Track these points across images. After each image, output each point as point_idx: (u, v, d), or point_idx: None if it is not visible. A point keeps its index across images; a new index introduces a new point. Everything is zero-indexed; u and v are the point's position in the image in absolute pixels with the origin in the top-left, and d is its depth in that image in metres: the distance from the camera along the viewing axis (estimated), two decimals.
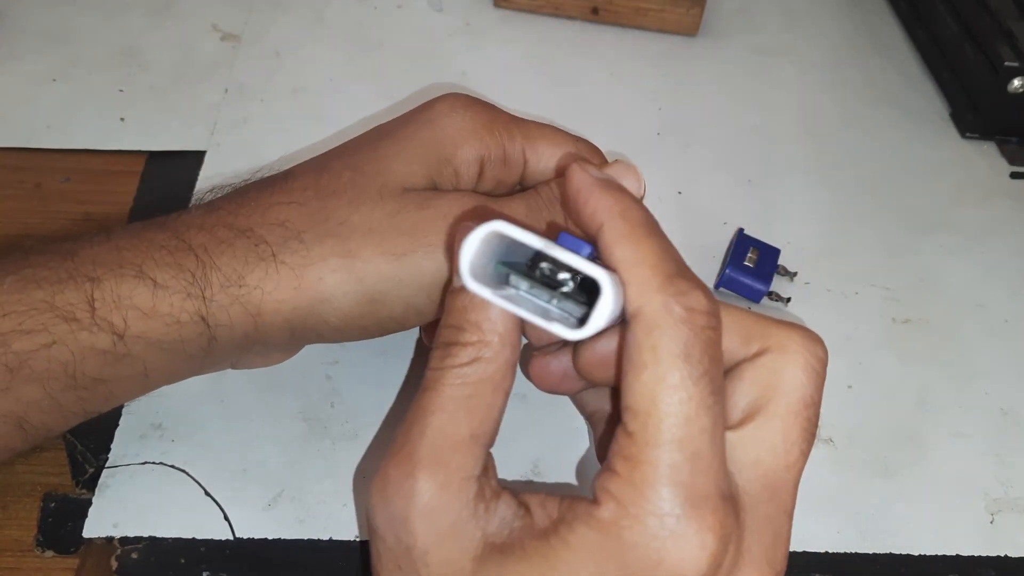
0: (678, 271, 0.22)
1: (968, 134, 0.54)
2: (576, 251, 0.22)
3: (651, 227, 0.23)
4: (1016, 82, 0.51)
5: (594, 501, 0.22)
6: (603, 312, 0.21)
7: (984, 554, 0.36)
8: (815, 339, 0.25)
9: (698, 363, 0.21)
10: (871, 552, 0.35)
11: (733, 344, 0.25)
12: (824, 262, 0.46)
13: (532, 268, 0.23)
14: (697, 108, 0.54)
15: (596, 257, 0.23)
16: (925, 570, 0.35)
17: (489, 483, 0.24)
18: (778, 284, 0.44)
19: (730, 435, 0.24)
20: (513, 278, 0.23)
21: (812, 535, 0.35)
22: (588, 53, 0.56)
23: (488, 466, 0.24)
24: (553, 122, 0.53)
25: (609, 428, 0.28)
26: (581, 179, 0.24)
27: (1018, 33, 0.52)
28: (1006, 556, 0.36)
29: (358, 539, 0.34)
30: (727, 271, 0.43)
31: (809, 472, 0.37)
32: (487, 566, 0.22)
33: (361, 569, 0.33)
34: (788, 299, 0.43)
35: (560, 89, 0.54)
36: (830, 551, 0.35)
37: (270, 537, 0.33)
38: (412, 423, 0.24)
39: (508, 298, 0.22)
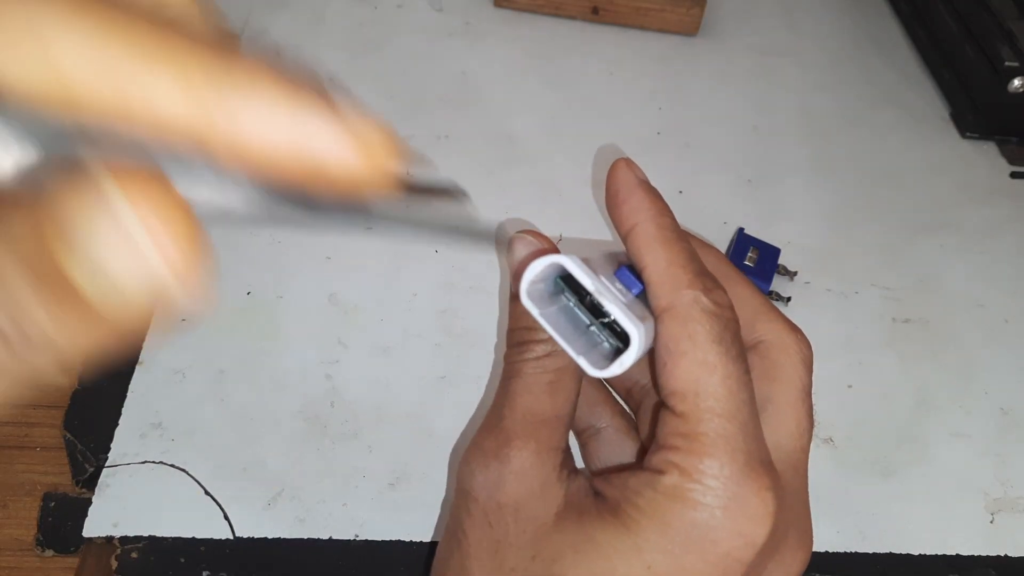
0: (703, 270, 0.25)
1: (968, 134, 0.54)
2: (628, 287, 0.25)
3: (679, 232, 0.26)
4: (1016, 82, 0.51)
5: (657, 471, 0.24)
6: (626, 361, 0.23)
7: (984, 553, 0.36)
8: (805, 338, 0.27)
9: (731, 346, 0.24)
10: (871, 552, 0.35)
11: None
12: (824, 262, 0.46)
13: (585, 294, 0.25)
14: (697, 108, 0.54)
15: (643, 293, 0.26)
16: (925, 570, 0.35)
17: (570, 458, 0.26)
18: (778, 284, 0.44)
19: None
20: (568, 293, 0.26)
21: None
22: (588, 53, 0.56)
23: (568, 447, 0.27)
24: (554, 121, 0.53)
25: (592, 444, 0.31)
26: (624, 178, 0.26)
27: (1018, 33, 0.52)
28: (1006, 556, 0.36)
29: (357, 538, 0.34)
30: None
31: (809, 471, 0.37)
32: (566, 523, 0.24)
33: (361, 568, 0.33)
34: (788, 299, 0.43)
35: (560, 89, 0.54)
36: (830, 551, 0.35)
37: (270, 536, 0.33)
38: (502, 404, 0.27)
39: (559, 310, 0.25)
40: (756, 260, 0.43)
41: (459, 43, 0.56)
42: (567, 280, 0.25)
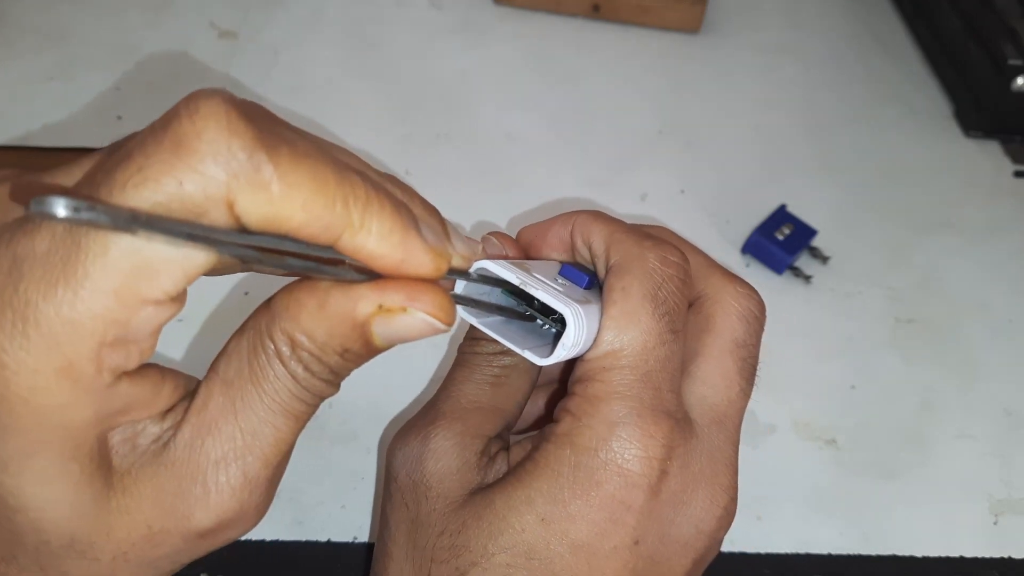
0: (648, 235, 0.25)
1: (972, 132, 0.54)
2: (576, 282, 0.26)
3: (609, 215, 0.26)
4: (1020, 80, 0.51)
5: (554, 421, 0.24)
6: (567, 341, 0.23)
7: (988, 556, 0.35)
8: (751, 295, 0.26)
9: (663, 303, 0.24)
10: (874, 554, 0.35)
11: None
12: (827, 261, 0.46)
13: (532, 299, 0.25)
14: (699, 106, 0.54)
15: (595, 284, 0.26)
16: (929, 572, 0.35)
17: (496, 445, 0.26)
18: (809, 265, 0.45)
19: None
20: (520, 302, 0.26)
21: (814, 537, 0.35)
22: (589, 51, 0.56)
23: (504, 437, 0.27)
24: (553, 119, 0.53)
25: None
26: (533, 228, 0.27)
27: (1022, 31, 0.51)
28: (1010, 558, 0.36)
29: (356, 540, 0.33)
30: (753, 236, 0.44)
31: (812, 473, 0.37)
32: (475, 496, 0.24)
33: (361, 570, 0.33)
34: (810, 276, 0.44)
35: (560, 87, 0.53)
36: (832, 553, 0.35)
37: (268, 539, 0.33)
38: (443, 388, 0.27)
39: (501, 320, 0.26)
40: (788, 235, 0.44)
41: (458, 41, 0.55)
42: (517, 291, 0.25)
